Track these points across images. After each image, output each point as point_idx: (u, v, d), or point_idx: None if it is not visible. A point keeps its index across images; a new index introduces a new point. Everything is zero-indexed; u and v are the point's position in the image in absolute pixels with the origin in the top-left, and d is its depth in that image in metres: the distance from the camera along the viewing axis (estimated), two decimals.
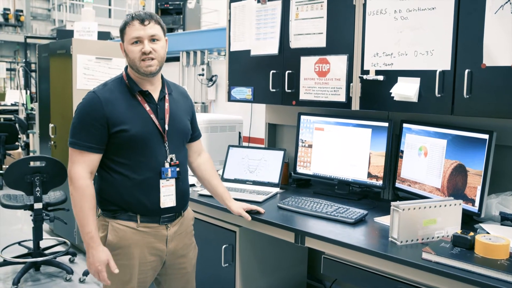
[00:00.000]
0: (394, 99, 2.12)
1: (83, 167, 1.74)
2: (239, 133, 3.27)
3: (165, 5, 5.29)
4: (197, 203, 2.44)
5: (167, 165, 1.84)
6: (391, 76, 2.14)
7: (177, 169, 1.86)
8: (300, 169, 2.74)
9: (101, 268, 1.72)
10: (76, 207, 1.74)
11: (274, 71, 2.66)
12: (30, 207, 3.42)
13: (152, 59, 1.77)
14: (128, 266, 1.81)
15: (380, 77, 2.17)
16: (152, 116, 1.82)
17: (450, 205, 1.79)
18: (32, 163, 3.41)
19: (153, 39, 1.78)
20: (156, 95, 1.86)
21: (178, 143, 1.91)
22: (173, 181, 1.86)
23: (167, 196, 1.84)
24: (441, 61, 1.96)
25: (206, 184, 2.16)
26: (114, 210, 1.81)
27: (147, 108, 1.82)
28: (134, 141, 1.77)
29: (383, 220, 2.07)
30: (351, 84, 2.31)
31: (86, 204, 1.73)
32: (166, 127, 1.85)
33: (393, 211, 1.77)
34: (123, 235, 1.80)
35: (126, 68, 1.87)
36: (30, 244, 3.73)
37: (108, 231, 1.80)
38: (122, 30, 1.81)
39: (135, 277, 1.83)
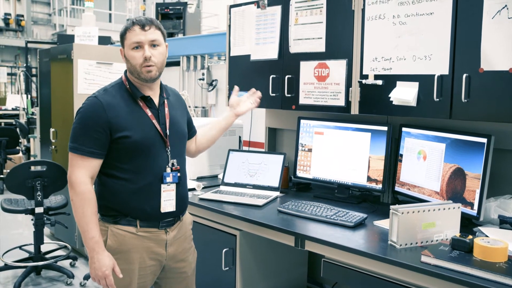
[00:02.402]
0: (393, 103, 2.14)
1: (84, 172, 1.73)
2: (239, 137, 3.28)
3: (165, 10, 5.30)
4: (198, 207, 2.45)
5: (168, 170, 1.84)
6: (390, 81, 2.16)
7: (178, 174, 1.87)
8: (300, 173, 2.75)
9: (108, 272, 1.72)
10: (78, 212, 1.73)
11: (274, 76, 2.68)
12: (31, 212, 3.43)
13: (151, 65, 1.77)
14: (127, 271, 1.81)
15: (379, 82, 2.19)
16: (154, 121, 1.82)
17: (449, 208, 1.80)
18: (33, 168, 3.42)
19: (153, 45, 1.78)
20: (156, 100, 1.87)
21: (179, 147, 1.92)
22: (173, 186, 1.86)
23: (167, 200, 1.85)
24: (439, 66, 1.97)
25: (210, 138, 2.21)
26: (114, 215, 1.81)
27: (149, 113, 1.82)
28: (137, 147, 1.77)
29: (383, 223, 2.08)
30: (350, 88, 2.33)
31: (88, 209, 1.72)
32: (168, 132, 1.85)
33: (392, 215, 1.78)
34: (122, 240, 1.80)
35: (125, 73, 1.87)
36: (31, 248, 3.74)
37: (107, 236, 1.80)
38: (123, 36, 1.80)
39: (135, 282, 1.83)
